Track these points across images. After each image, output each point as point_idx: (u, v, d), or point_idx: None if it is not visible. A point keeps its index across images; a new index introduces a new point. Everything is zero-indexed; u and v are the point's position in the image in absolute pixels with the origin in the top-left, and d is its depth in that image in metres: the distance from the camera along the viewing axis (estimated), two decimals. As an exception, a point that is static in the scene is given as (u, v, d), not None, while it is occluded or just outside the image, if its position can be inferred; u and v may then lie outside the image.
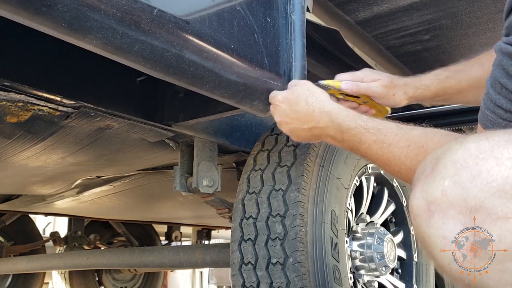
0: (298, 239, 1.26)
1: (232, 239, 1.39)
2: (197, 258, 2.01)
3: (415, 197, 0.63)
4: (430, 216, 0.60)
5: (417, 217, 0.62)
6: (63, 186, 2.24)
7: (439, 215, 0.59)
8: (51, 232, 3.66)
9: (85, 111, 1.21)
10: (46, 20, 0.71)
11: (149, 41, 0.84)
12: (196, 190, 1.50)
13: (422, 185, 0.62)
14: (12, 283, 3.59)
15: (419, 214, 0.61)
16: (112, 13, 0.76)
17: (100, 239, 3.84)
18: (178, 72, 0.93)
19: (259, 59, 1.09)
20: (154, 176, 2.15)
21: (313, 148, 1.38)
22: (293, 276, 1.25)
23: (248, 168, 1.47)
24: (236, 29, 1.02)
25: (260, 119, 1.73)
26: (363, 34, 1.99)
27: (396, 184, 1.81)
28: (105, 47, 0.80)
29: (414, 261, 1.81)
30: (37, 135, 1.36)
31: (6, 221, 3.31)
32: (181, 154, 1.55)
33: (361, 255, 1.56)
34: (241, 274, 1.35)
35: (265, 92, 1.13)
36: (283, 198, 1.32)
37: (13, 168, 1.72)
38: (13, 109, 1.15)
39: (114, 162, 1.78)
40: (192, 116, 1.36)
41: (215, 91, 1.03)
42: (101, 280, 4.07)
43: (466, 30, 1.97)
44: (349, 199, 1.51)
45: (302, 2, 1.22)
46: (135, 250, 2.40)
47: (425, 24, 1.91)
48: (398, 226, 1.86)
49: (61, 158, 1.63)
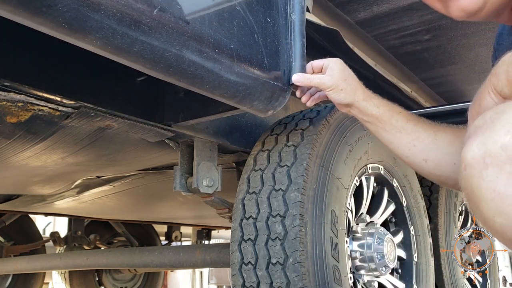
0: (298, 239, 1.26)
1: (232, 239, 1.39)
2: (197, 258, 2.01)
3: (471, 148, 0.62)
4: (484, 168, 0.60)
5: (469, 168, 0.62)
6: (63, 186, 2.24)
7: (493, 168, 0.59)
8: (51, 232, 3.66)
9: (85, 111, 1.21)
10: (46, 20, 0.71)
11: (149, 41, 0.84)
12: (196, 190, 1.50)
13: (481, 137, 0.62)
14: (12, 283, 3.59)
15: (472, 165, 0.61)
16: (112, 13, 0.76)
17: (100, 239, 3.83)
18: (178, 72, 0.93)
19: (259, 59, 1.09)
20: (154, 176, 2.15)
21: (313, 148, 1.38)
22: (293, 276, 1.25)
23: (248, 168, 1.47)
24: (236, 29, 1.02)
25: (260, 119, 1.74)
26: (363, 34, 1.99)
27: (396, 184, 1.81)
28: (105, 48, 0.80)
29: (414, 261, 1.81)
30: (37, 135, 1.36)
31: (6, 221, 3.31)
32: (181, 154, 1.55)
33: (361, 255, 1.56)
34: (241, 274, 1.35)
35: (264, 92, 1.13)
36: (283, 198, 1.32)
37: (13, 168, 1.72)
38: (13, 109, 1.15)
39: (114, 162, 1.78)
40: (192, 116, 1.36)
41: (215, 91, 1.03)
42: (101, 280, 4.07)
43: (466, 30, 1.97)
44: (349, 199, 1.51)
45: (302, 2, 1.22)
46: (135, 250, 2.40)
47: (425, 24, 1.91)
48: (398, 226, 1.86)
49: (61, 158, 1.63)
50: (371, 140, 1.63)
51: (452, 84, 2.60)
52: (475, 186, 0.61)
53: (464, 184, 0.65)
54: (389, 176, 1.78)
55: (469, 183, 0.62)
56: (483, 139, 0.61)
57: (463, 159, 0.64)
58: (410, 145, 1.07)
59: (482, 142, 0.61)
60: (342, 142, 1.48)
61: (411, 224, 1.85)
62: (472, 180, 0.61)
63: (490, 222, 0.61)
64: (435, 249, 2.24)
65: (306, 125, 1.45)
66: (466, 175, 0.63)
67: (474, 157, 0.61)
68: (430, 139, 1.05)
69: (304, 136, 1.41)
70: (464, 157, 0.63)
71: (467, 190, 0.64)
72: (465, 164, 0.63)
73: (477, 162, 0.61)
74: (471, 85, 2.63)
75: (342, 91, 1.12)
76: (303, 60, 1.20)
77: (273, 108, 1.20)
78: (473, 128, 0.66)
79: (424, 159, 1.06)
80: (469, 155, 0.62)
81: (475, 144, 0.62)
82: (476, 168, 0.61)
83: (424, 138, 1.06)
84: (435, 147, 1.05)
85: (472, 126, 0.67)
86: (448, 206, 2.49)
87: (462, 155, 0.64)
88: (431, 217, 2.38)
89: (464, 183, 0.64)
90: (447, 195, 2.51)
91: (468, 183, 0.63)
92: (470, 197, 0.63)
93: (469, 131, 0.67)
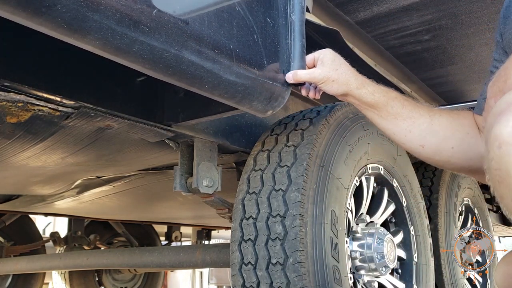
0: (298, 239, 1.26)
1: (232, 239, 1.39)
2: (197, 258, 2.01)
3: (503, 124, 0.57)
4: None
5: (506, 145, 0.56)
6: (63, 186, 2.24)
7: None
8: (51, 232, 3.66)
9: (85, 111, 1.21)
10: (46, 20, 0.71)
11: (148, 42, 0.84)
12: (196, 190, 1.50)
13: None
14: (12, 283, 3.59)
15: (510, 142, 0.56)
16: (112, 14, 0.76)
17: (100, 239, 3.84)
18: (177, 72, 0.93)
19: (258, 60, 1.09)
20: (154, 176, 2.15)
21: (313, 149, 1.38)
22: (293, 276, 1.25)
23: (248, 168, 1.47)
24: (236, 29, 1.02)
25: (260, 119, 1.73)
26: (363, 34, 1.99)
27: (396, 185, 1.81)
28: (105, 48, 0.80)
29: (414, 261, 1.81)
30: (37, 135, 1.36)
31: (6, 221, 3.31)
32: (181, 154, 1.55)
33: (361, 255, 1.56)
34: (241, 274, 1.35)
35: (264, 92, 1.13)
36: (283, 198, 1.32)
37: (13, 168, 1.72)
38: (13, 109, 1.15)
39: (114, 162, 1.78)
40: (192, 116, 1.36)
41: (214, 91, 1.03)
42: (101, 280, 4.07)
43: (466, 30, 1.97)
44: (349, 199, 1.51)
45: (302, 2, 1.22)
46: (135, 250, 2.40)
47: (425, 24, 1.91)
48: (398, 226, 1.86)
49: (61, 158, 1.63)
50: (371, 140, 1.63)
51: (452, 84, 2.60)
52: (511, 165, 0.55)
53: (495, 164, 0.59)
54: (389, 176, 1.78)
55: (504, 163, 0.56)
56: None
57: (495, 137, 0.58)
58: (406, 131, 1.06)
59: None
60: (342, 142, 1.48)
61: (411, 224, 1.84)
62: (509, 159, 0.56)
63: None
64: (435, 249, 2.24)
65: (306, 125, 1.45)
66: (501, 154, 0.57)
67: (510, 134, 0.56)
68: (426, 124, 1.04)
69: (304, 136, 1.41)
70: (499, 134, 0.57)
71: (501, 170, 0.58)
72: (500, 141, 0.57)
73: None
74: (471, 85, 2.63)
75: (334, 82, 1.11)
76: (303, 60, 1.20)
77: (273, 108, 1.20)
78: (505, 104, 0.60)
79: (421, 145, 1.05)
80: (505, 132, 0.57)
81: (508, 120, 0.57)
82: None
83: (420, 124, 1.05)
84: (432, 132, 1.04)
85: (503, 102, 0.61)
86: (448, 206, 2.49)
87: (494, 132, 0.59)
88: (431, 217, 2.38)
89: (496, 163, 0.58)
90: (447, 195, 2.51)
91: (503, 163, 0.56)
92: (503, 179, 0.57)
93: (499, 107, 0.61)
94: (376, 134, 1.66)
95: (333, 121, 1.48)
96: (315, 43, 1.69)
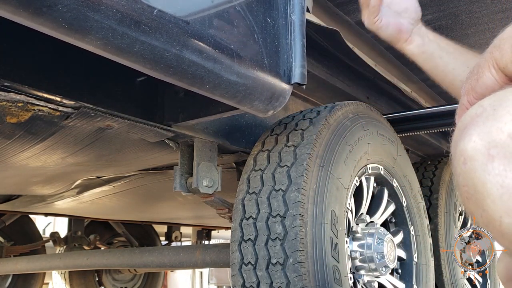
0: (298, 239, 1.26)
1: (232, 240, 1.39)
2: (197, 258, 2.01)
3: (470, 138, 0.55)
4: (489, 160, 0.52)
5: (471, 161, 0.54)
6: (63, 186, 2.24)
7: (501, 161, 0.52)
8: (51, 232, 3.66)
9: (85, 111, 1.21)
10: (46, 20, 0.71)
11: (149, 42, 0.84)
12: (196, 190, 1.50)
13: (482, 126, 0.54)
14: (12, 283, 3.59)
15: (474, 158, 0.54)
16: (112, 14, 0.76)
17: (100, 239, 3.84)
18: (178, 72, 0.93)
19: (259, 60, 1.09)
20: (154, 176, 2.15)
21: (313, 149, 1.38)
22: (293, 276, 1.25)
23: (248, 168, 1.47)
24: (236, 29, 1.02)
25: (260, 119, 1.74)
26: (363, 34, 1.99)
27: (396, 185, 1.81)
28: (105, 48, 0.80)
29: (414, 261, 1.81)
30: (37, 136, 1.36)
31: (6, 221, 3.31)
32: (181, 154, 1.55)
33: (361, 255, 1.56)
34: (241, 275, 1.35)
35: (264, 92, 1.13)
36: (283, 198, 1.32)
37: (13, 169, 1.72)
38: (13, 109, 1.15)
39: (114, 162, 1.78)
40: (192, 116, 1.36)
41: (215, 91, 1.03)
42: (101, 280, 4.07)
43: (466, 30, 1.97)
44: (349, 199, 1.51)
45: (302, 2, 1.22)
46: (135, 250, 2.40)
47: (425, 24, 1.91)
48: (398, 227, 1.86)
49: (61, 159, 1.63)
50: (371, 140, 1.63)
51: (452, 84, 2.59)
52: (479, 181, 0.53)
53: (462, 181, 0.57)
54: (389, 176, 1.78)
55: (471, 179, 0.55)
56: (485, 128, 0.54)
57: (461, 153, 0.56)
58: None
59: (484, 132, 0.54)
60: (342, 142, 1.48)
61: (411, 224, 1.85)
62: (474, 175, 0.54)
63: (496, 223, 0.53)
64: (435, 249, 2.24)
65: (306, 125, 1.45)
66: (466, 170, 0.55)
67: (476, 149, 0.54)
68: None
69: (304, 137, 1.41)
70: (463, 150, 0.56)
71: (467, 187, 0.56)
72: (465, 157, 0.55)
73: (481, 154, 0.53)
74: (471, 85, 2.62)
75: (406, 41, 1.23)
76: (303, 60, 1.20)
77: (274, 108, 1.20)
78: (469, 118, 0.58)
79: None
80: (469, 147, 0.54)
81: (475, 134, 0.55)
82: (480, 161, 0.53)
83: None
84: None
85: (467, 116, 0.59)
86: (448, 206, 2.50)
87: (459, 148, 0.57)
88: (431, 217, 2.38)
89: (463, 179, 0.57)
90: (447, 195, 2.51)
91: (469, 179, 0.55)
92: (471, 195, 0.55)
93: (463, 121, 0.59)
94: (376, 134, 1.66)
95: (333, 121, 1.48)
96: (315, 43, 1.69)
